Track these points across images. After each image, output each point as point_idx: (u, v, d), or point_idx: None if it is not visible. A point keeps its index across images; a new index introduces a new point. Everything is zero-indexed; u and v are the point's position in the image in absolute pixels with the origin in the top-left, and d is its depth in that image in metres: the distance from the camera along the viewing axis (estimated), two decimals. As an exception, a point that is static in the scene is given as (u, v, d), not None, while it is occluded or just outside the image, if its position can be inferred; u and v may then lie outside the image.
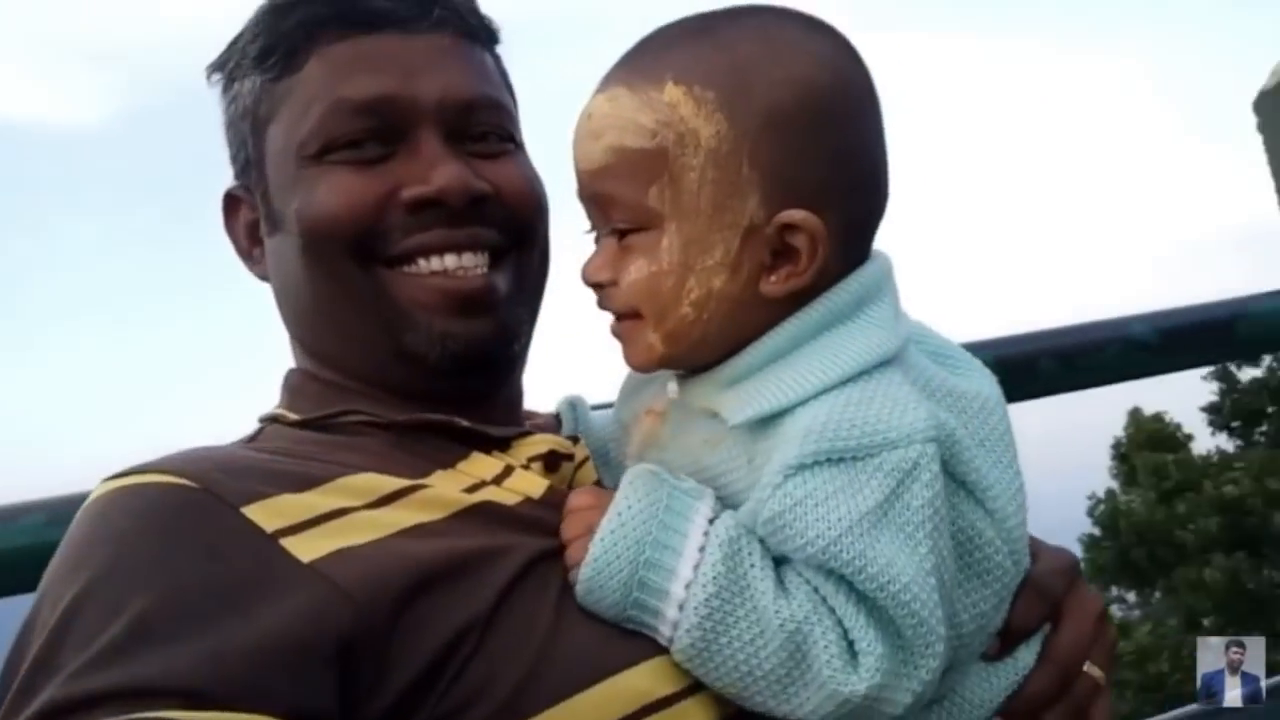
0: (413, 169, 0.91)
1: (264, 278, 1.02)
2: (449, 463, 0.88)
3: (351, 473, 0.81)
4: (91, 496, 0.79)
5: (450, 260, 0.92)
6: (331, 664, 0.68)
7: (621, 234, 0.84)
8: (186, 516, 0.74)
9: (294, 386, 0.99)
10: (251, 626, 0.67)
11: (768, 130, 0.80)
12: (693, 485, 0.83)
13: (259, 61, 0.96)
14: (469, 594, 0.74)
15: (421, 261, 0.92)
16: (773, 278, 0.82)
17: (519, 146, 1.01)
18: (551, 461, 0.93)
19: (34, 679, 0.66)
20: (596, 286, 0.87)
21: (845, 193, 0.84)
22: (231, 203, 1.04)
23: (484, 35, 1.01)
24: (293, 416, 0.94)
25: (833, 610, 0.76)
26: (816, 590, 0.77)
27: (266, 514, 0.75)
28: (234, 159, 1.02)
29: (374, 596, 0.71)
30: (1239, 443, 21.86)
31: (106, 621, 0.67)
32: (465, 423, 0.90)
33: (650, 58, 0.83)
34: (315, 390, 0.96)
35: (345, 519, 0.77)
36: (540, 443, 0.93)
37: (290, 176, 0.94)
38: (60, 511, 1.12)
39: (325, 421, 0.92)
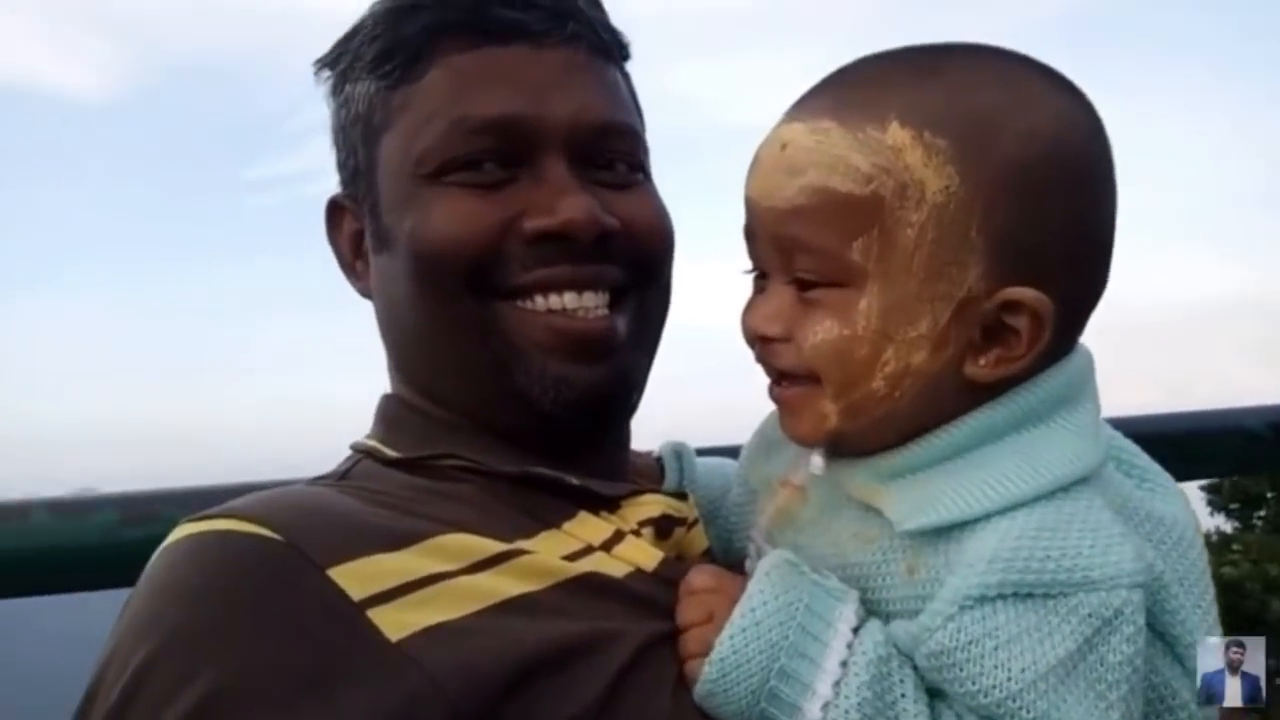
0: (537, 197, 0.84)
1: (366, 295, 0.91)
2: (555, 522, 0.80)
3: (447, 530, 0.73)
4: (168, 541, 0.69)
5: (570, 299, 0.85)
6: None
7: (805, 285, 0.75)
8: (266, 577, 0.66)
9: (391, 418, 0.89)
10: (329, 717, 0.61)
11: (1005, 191, 0.71)
12: (836, 585, 0.74)
13: (376, 65, 0.88)
14: (575, 686, 0.68)
15: (540, 298, 0.85)
16: (982, 360, 0.74)
17: (648, 177, 0.93)
18: (664, 527, 0.85)
19: None
20: (762, 340, 0.78)
21: (1075, 270, 0.75)
22: (336, 211, 0.92)
23: (617, 52, 0.94)
24: (388, 453, 0.84)
25: None
26: None
27: (355, 579, 0.67)
28: (341, 165, 0.91)
29: (469, 688, 0.64)
30: (1237, 525, 21.73)
31: (175, 692, 0.62)
32: (575, 480, 0.81)
33: (868, 92, 0.74)
34: (415, 425, 0.87)
35: (439, 586, 0.69)
36: (652, 505, 0.86)
37: (404, 194, 0.86)
38: (133, 510, 1.11)
39: (423, 463, 0.82)
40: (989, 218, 0.71)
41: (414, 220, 0.85)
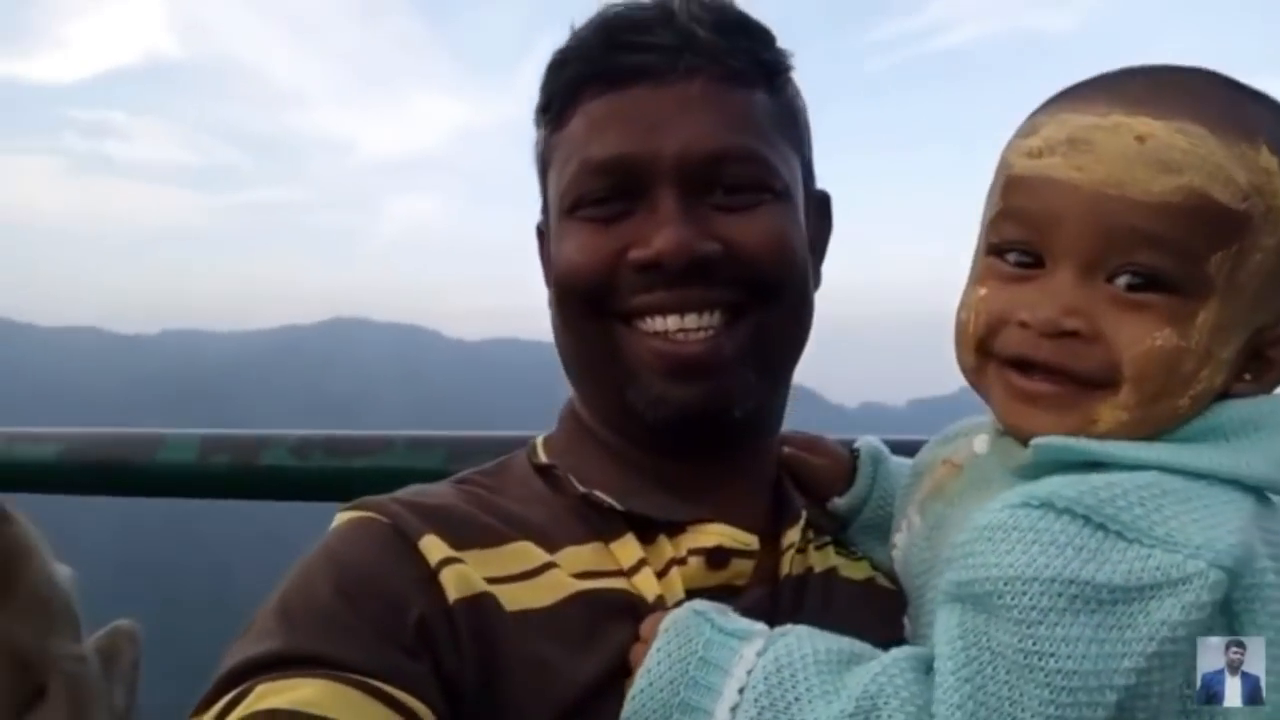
0: (643, 229, 0.92)
1: None
2: (606, 538, 0.92)
3: (517, 539, 0.90)
4: (333, 525, 0.92)
5: (672, 322, 0.92)
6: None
7: (1134, 285, 0.73)
8: (377, 541, 0.87)
9: (561, 419, 1.08)
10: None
11: None
12: (742, 626, 0.79)
13: (541, 114, 1.01)
14: (527, 700, 0.81)
15: (648, 320, 0.93)
16: (1246, 376, 0.77)
17: (779, 194, 0.95)
18: (716, 557, 0.92)
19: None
20: (1058, 334, 0.74)
21: None
22: (540, 236, 1.10)
23: (750, 75, 0.96)
24: (540, 456, 1.03)
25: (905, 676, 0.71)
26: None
27: (435, 550, 0.86)
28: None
29: (468, 665, 0.81)
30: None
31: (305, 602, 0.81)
32: (619, 506, 0.93)
33: (1230, 109, 0.73)
34: (568, 428, 1.05)
35: (498, 586, 0.86)
36: (710, 535, 0.93)
37: (555, 227, 0.99)
38: (459, 449, 1.48)
39: (546, 470, 1.01)
40: None
41: (556, 250, 0.98)
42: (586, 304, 0.95)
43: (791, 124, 1.00)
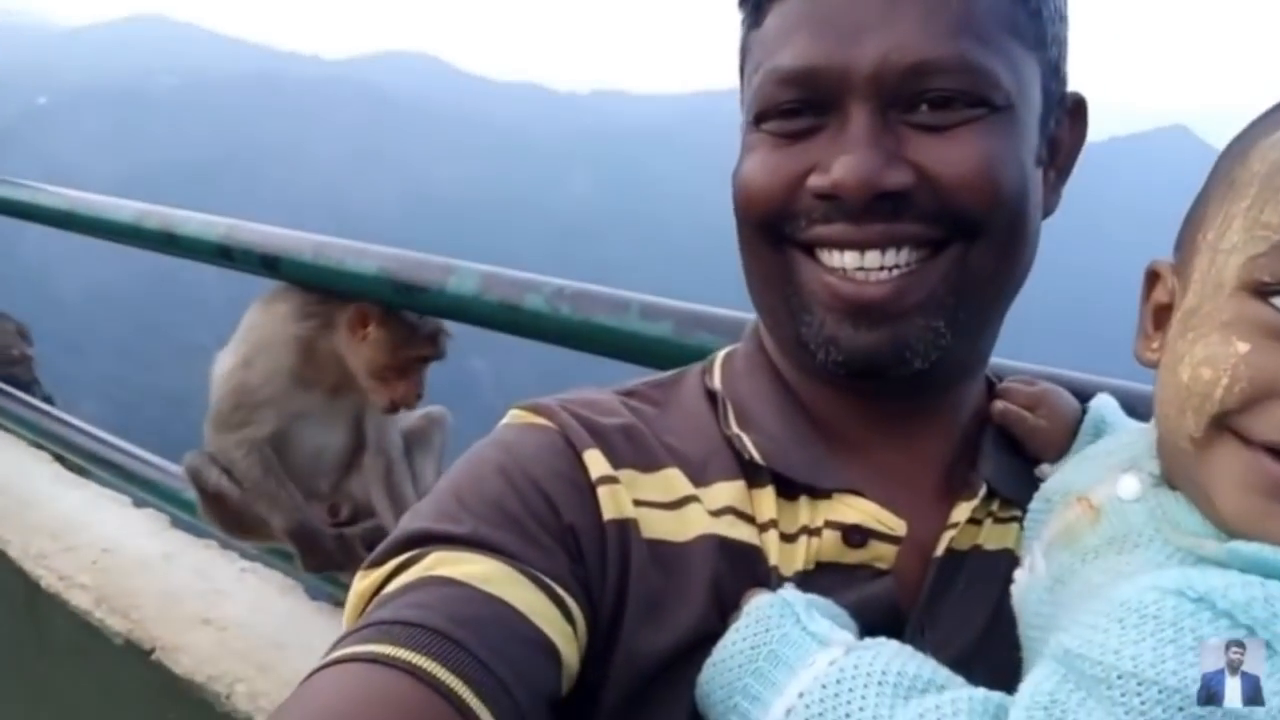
0: (830, 150, 0.82)
1: None
2: (754, 483, 0.90)
3: (669, 465, 0.90)
4: (503, 421, 0.96)
5: (850, 259, 0.83)
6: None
7: None
8: (545, 448, 0.89)
9: (747, 335, 1.03)
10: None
11: None
12: (825, 631, 0.74)
13: (740, 7, 0.92)
14: (661, 629, 0.82)
15: (829, 253, 0.85)
16: None
17: (999, 109, 0.82)
18: (854, 537, 0.86)
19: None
20: None
21: None
22: None
23: None
24: (714, 378, 0.99)
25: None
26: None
27: (596, 465, 0.87)
28: None
29: (609, 582, 0.83)
30: None
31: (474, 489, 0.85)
32: (760, 460, 0.89)
33: None
34: (749, 348, 1.01)
35: (638, 510, 0.87)
36: (853, 510, 0.86)
37: (744, 137, 0.90)
38: (687, 320, 1.56)
39: (714, 396, 0.98)
40: None
41: (740, 162, 0.90)
42: (763, 229, 0.89)
43: (1032, 16, 0.84)
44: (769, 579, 0.85)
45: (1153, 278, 0.76)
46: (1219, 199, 0.68)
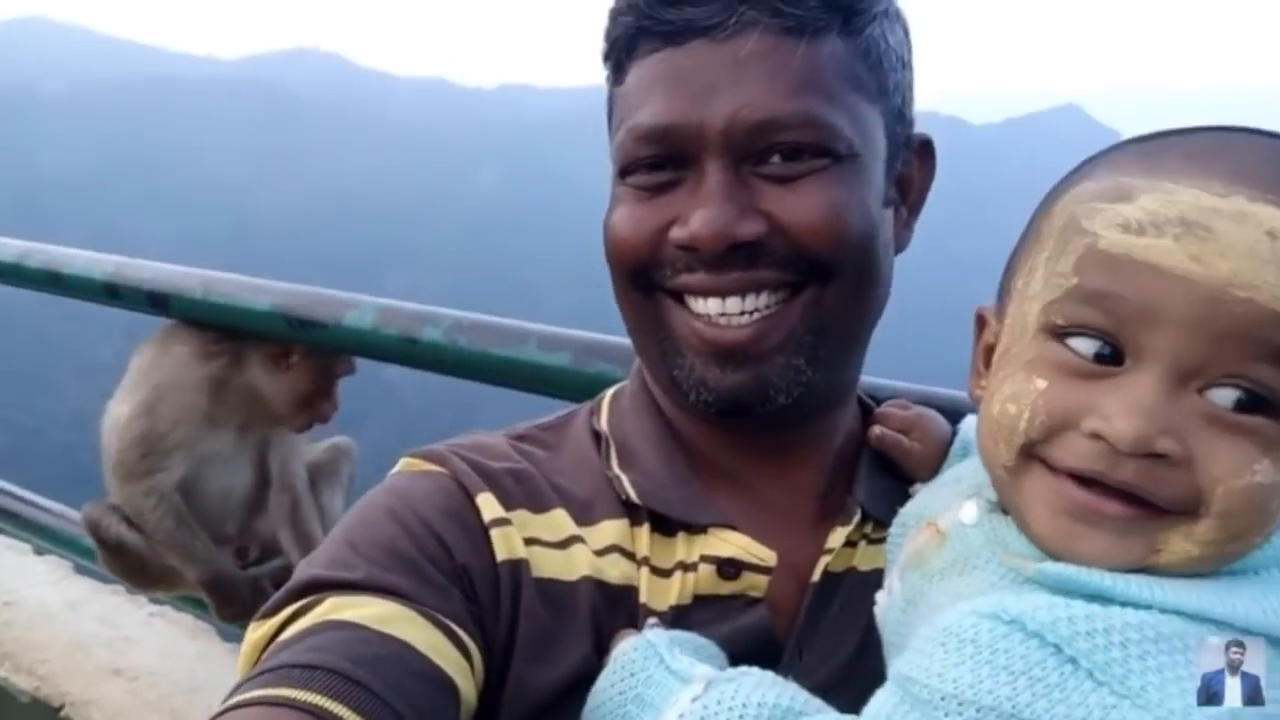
0: (688, 203, 0.87)
1: None
2: (634, 521, 0.93)
3: (557, 506, 0.92)
4: (393, 471, 0.97)
5: (713, 305, 0.88)
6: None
7: (1242, 404, 0.64)
8: (437, 494, 0.91)
9: (633, 373, 1.07)
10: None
11: None
12: (686, 668, 0.77)
13: (604, 62, 0.96)
14: (540, 668, 0.85)
15: (693, 300, 0.90)
16: None
17: (842, 158, 0.86)
18: (727, 570, 0.90)
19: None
20: (1146, 455, 0.64)
21: None
22: None
23: (817, 21, 0.86)
24: (599, 425, 1.02)
25: None
26: None
27: (489, 508, 0.89)
28: None
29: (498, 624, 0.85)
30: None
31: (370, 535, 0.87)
32: (636, 500, 0.93)
33: None
34: (634, 388, 1.04)
35: (533, 549, 0.90)
36: (727, 544, 0.91)
37: (612, 187, 0.95)
38: (585, 349, 1.56)
39: (600, 437, 1.01)
40: None
41: (608, 214, 0.94)
42: (632, 277, 0.93)
43: (872, 68, 0.90)
44: (638, 618, 0.88)
45: (980, 321, 0.81)
46: (1027, 249, 0.73)
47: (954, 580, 0.75)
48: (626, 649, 0.81)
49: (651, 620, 0.87)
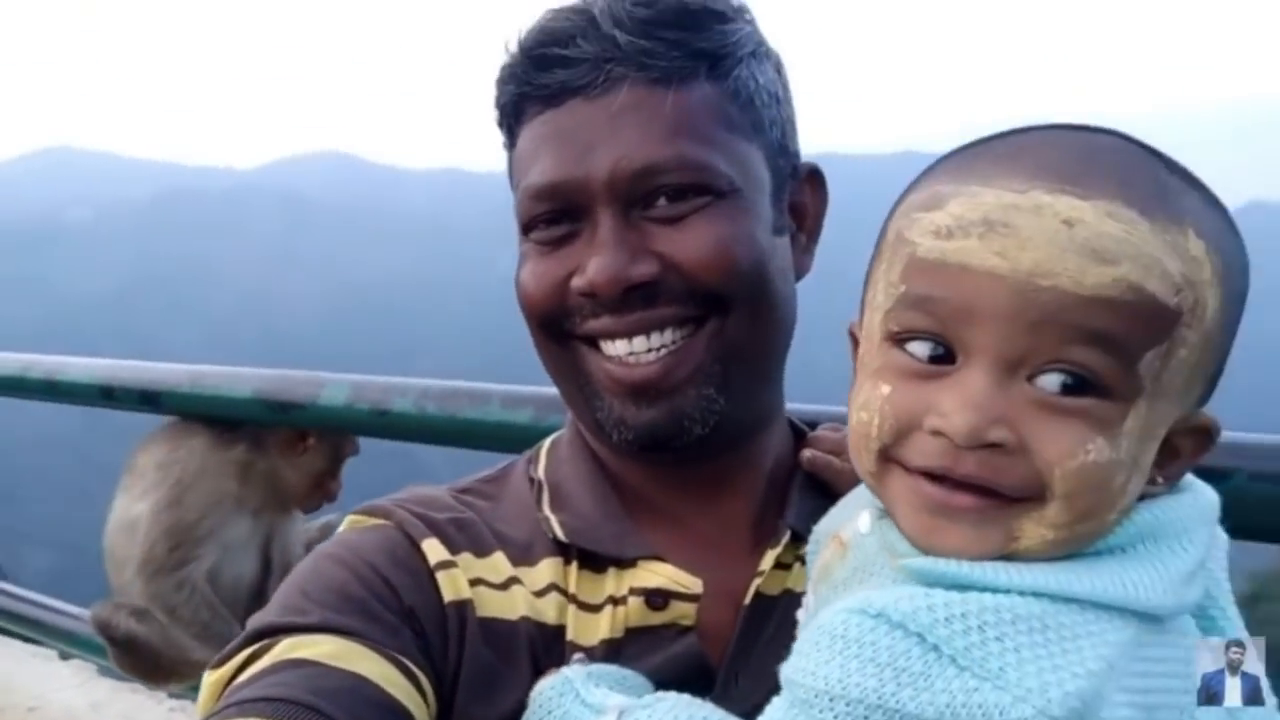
0: (586, 253, 0.91)
1: None
2: (566, 560, 0.96)
3: (495, 550, 0.96)
4: (340, 528, 1.00)
5: (622, 346, 0.92)
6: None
7: (1068, 389, 0.65)
8: (383, 546, 0.94)
9: (567, 423, 1.09)
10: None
11: (1234, 316, 0.69)
12: (600, 700, 0.80)
13: (499, 129, 1.00)
14: (489, 703, 0.88)
15: (605, 343, 0.93)
16: (1159, 479, 0.71)
17: (723, 194, 0.90)
18: (654, 600, 0.92)
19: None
20: (982, 445, 0.66)
21: (1211, 391, 0.72)
22: None
23: (684, 69, 0.90)
24: (536, 472, 1.05)
25: None
26: None
27: (434, 552, 0.93)
28: None
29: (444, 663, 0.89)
30: None
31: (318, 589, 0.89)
32: (564, 539, 0.96)
33: (1159, 186, 0.67)
34: (569, 434, 1.08)
35: (479, 589, 0.93)
36: (654, 575, 0.93)
37: (519, 245, 0.99)
38: (546, 405, 1.62)
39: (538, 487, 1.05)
40: (1221, 343, 0.68)
41: (517, 270, 0.99)
42: (545, 328, 0.97)
43: (744, 108, 0.94)
44: (565, 655, 0.91)
45: (853, 337, 0.85)
46: (873, 264, 0.77)
47: (855, 589, 0.75)
48: (544, 687, 0.84)
49: (577, 655, 0.90)
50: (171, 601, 2.09)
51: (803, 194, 1.02)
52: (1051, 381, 0.65)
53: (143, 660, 2.18)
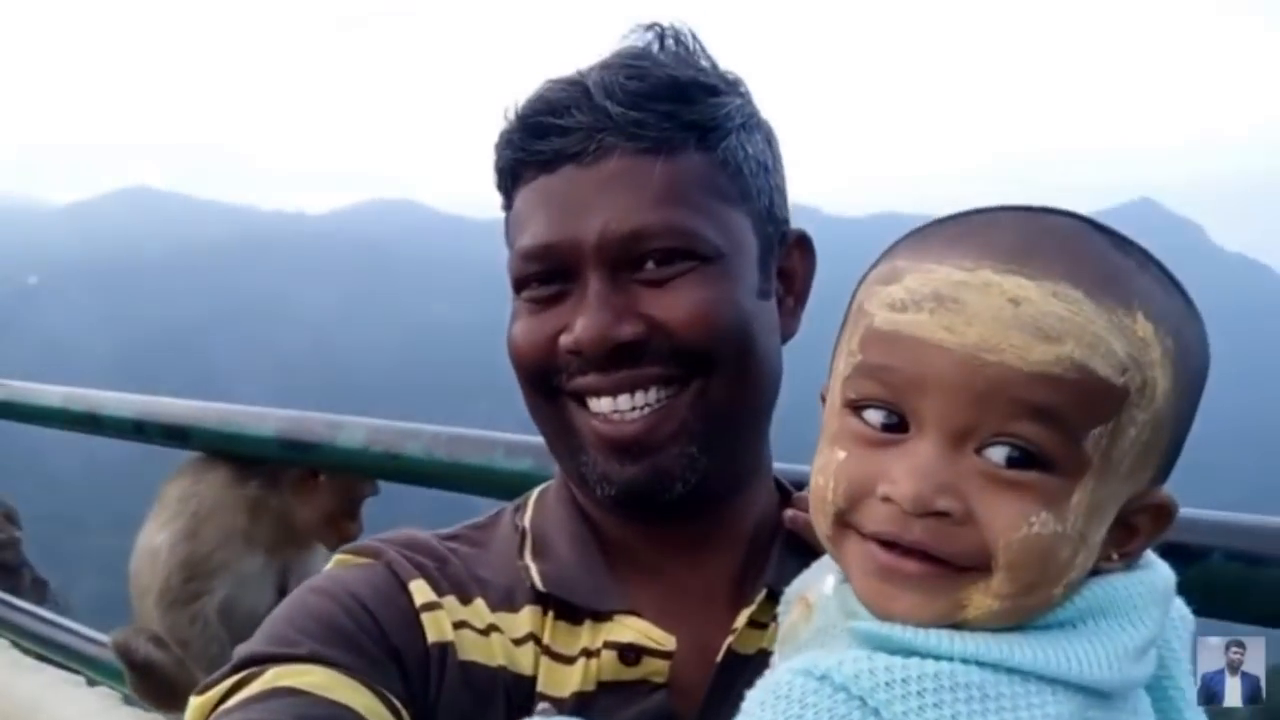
0: (575, 312, 0.94)
1: None
2: (544, 609, 0.98)
3: (476, 596, 0.98)
4: (328, 565, 1.03)
5: (607, 403, 0.94)
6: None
7: (1013, 462, 0.67)
8: (371, 583, 0.96)
9: (555, 474, 1.11)
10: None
11: (1189, 396, 0.70)
12: None
13: (498, 191, 1.04)
14: None
15: (592, 400, 0.95)
16: (1113, 555, 0.72)
17: (710, 259, 0.93)
18: (628, 655, 0.94)
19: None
20: (929, 514, 0.67)
21: (1168, 471, 0.73)
22: None
23: (674, 140, 0.94)
24: (522, 521, 1.07)
25: None
26: None
27: (420, 593, 0.95)
28: None
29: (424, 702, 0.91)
30: None
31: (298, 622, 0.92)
32: (542, 589, 0.97)
33: (1108, 267, 0.69)
34: (555, 487, 1.09)
35: (461, 632, 0.95)
36: (628, 630, 0.94)
37: (513, 302, 1.02)
38: (546, 454, 1.62)
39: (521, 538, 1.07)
40: (1175, 423, 0.70)
41: (509, 327, 1.01)
42: (534, 383, 1.00)
43: (732, 177, 0.97)
44: (533, 704, 0.92)
45: (824, 401, 0.85)
46: (840, 332, 0.79)
47: (815, 651, 0.76)
48: None
49: (542, 705, 0.91)
50: (184, 635, 2.14)
51: (791, 259, 1.04)
52: (998, 454, 0.66)
53: (158, 686, 2.23)
